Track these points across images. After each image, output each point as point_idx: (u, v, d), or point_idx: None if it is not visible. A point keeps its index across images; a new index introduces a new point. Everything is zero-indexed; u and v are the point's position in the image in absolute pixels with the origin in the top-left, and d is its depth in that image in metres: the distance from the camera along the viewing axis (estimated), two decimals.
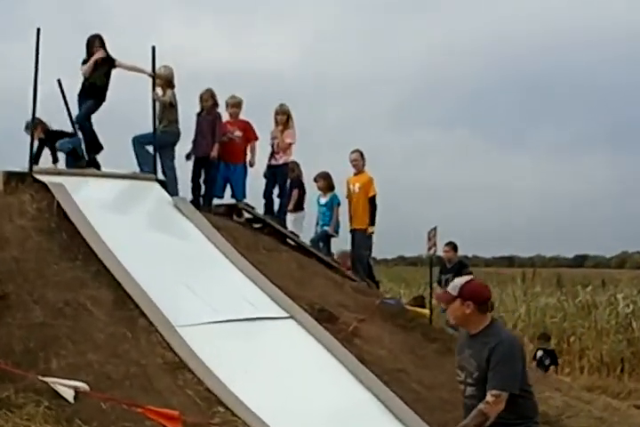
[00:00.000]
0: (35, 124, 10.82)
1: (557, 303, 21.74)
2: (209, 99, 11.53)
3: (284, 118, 11.98)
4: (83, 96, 10.94)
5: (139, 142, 11.16)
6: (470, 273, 13.35)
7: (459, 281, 5.61)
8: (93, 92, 10.91)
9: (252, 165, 11.91)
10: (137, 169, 11.04)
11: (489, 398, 5.29)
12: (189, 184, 11.48)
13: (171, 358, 7.78)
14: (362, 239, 12.32)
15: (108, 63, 10.94)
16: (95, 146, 11.08)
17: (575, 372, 18.26)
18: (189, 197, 11.24)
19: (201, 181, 11.47)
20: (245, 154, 11.88)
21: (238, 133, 11.70)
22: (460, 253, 14.23)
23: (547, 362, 14.15)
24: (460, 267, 13.43)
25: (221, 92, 11.85)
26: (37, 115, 10.58)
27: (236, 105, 11.87)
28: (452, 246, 13.37)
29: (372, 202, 12.32)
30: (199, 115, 11.68)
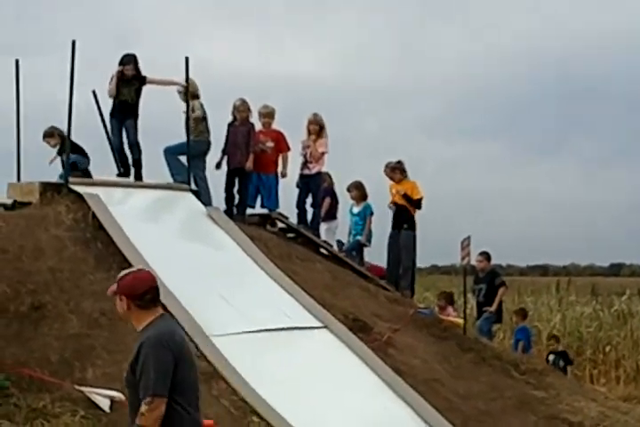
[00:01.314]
0: (51, 132, 10.93)
1: (593, 313, 21.51)
2: (245, 110, 11.52)
3: (316, 128, 11.97)
4: (116, 115, 10.99)
5: (171, 153, 11.21)
6: (503, 282, 13.32)
7: (120, 274, 5.17)
8: (127, 109, 10.94)
9: (284, 176, 11.89)
10: (170, 180, 11.10)
11: (142, 407, 4.78)
12: (223, 194, 11.50)
13: (205, 367, 7.77)
14: (404, 242, 12.31)
15: (139, 80, 10.99)
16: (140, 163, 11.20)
17: (611, 382, 18.06)
18: (223, 207, 11.25)
19: (235, 191, 11.47)
20: (277, 164, 11.83)
21: (270, 144, 11.69)
22: (494, 262, 14.14)
23: (561, 364, 13.90)
24: (493, 276, 13.35)
25: (256, 102, 11.88)
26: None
27: (268, 115, 11.87)
28: (486, 256, 13.28)
29: (417, 203, 12.32)
30: (231, 124, 11.65)
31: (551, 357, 14.12)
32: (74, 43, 9.91)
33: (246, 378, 7.75)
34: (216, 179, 11.66)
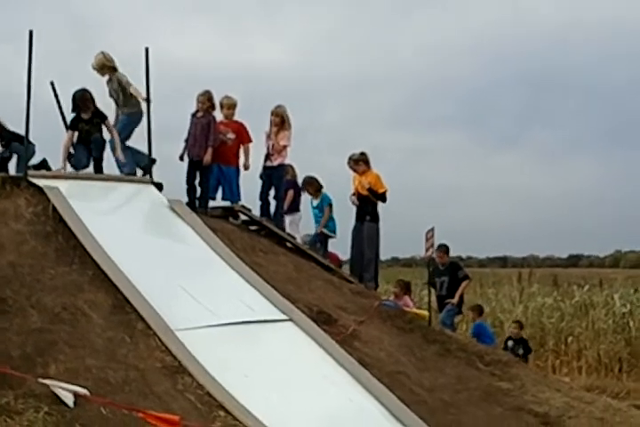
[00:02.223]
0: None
1: (554, 303, 21.69)
2: (205, 101, 11.40)
3: (277, 120, 11.90)
4: (83, 144, 10.91)
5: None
6: (466, 275, 13.36)
7: None
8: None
9: (246, 168, 11.79)
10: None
11: None
12: (184, 186, 11.39)
13: (170, 362, 7.72)
14: (367, 235, 12.29)
15: (100, 118, 10.91)
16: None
17: (573, 372, 18.21)
18: (185, 199, 11.14)
19: (196, 183, 11.37)
20: (238, 156, 11.76)
21: (231, 136, 11.60)
22: (454, 253, 14.17)
23: (520, 352, 13.87)
24: (454, 268, 13.36)
25: (219, 93, 11.77)
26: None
27: (230, 106, 11.76)
28: (444, 249, 13.26)
29: (381, 197, 12.29)
30: (193, 115, 11.53)
31: (510, 343, 14.09)
32: (31, 33, 9.77)
33: (211, 372, 7.66)
34: (182, 170, 11.57)
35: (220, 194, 11.78)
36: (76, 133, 10.85)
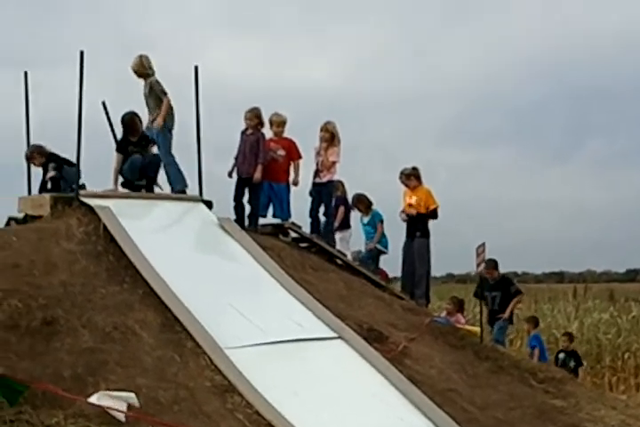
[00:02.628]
0: (31, 152, 10.96)
1: (610, 319, 21.39)
2: (253, 118, 11.41)
3: (327, 136, 11.88)
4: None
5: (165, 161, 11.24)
6: (518, 290, 13.18)
7: None
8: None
9: (295, 184, 11.79)
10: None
11: None
12: (232, 203, 11.41)
13: (219, 380, 7.71)
14: (418, 251, 12.19)
15: (147, 142, 11.00)
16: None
17: (631, 389, 17.91)
18: (232, 216, 11.15)
19: (244, 200, 11.38)
20: (289, 173, 11.76)
21: (281, 153, 11.61)
22: (509, 269, 14.03)
23: (571, 364, 13.66)
24: (506, 283, 13.17)
25: (268, 110, 11.78)
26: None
27: (279, 123, 11.77)
28: (493, 265, 13.03)
29: (432, 213, 12.21)
30: (243, 133, 11.56)
31: (561, 355, 13.92)
32: (82, 53, 9.87)
33: (261, 391, 7.63)
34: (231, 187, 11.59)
35: (270, 211, 11.78)
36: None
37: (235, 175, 11.52)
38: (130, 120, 10.90)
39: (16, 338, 7.72)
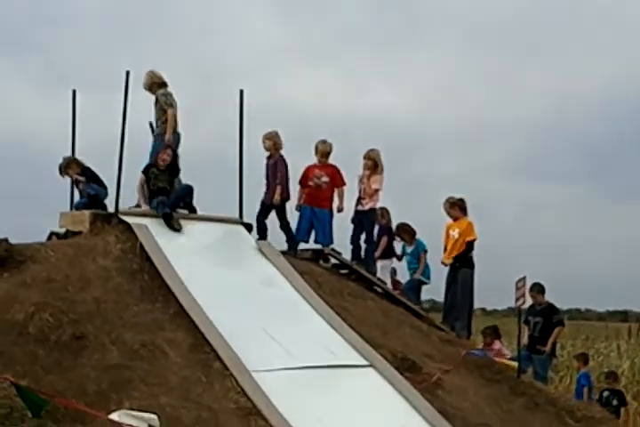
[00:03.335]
0: (67, 164, 10.95)
1: None
2: (266, 141, 11.34)
3: (370, 164, 11.80)
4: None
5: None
6: (561, 320, 12.85)
7: None
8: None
9: (340, 211, 11.69)
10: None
11: None
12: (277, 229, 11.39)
13: (244, 403, 7.61)
14: (462, 282, 12.00)
15: (173, 171, 10.85)
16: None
17: None
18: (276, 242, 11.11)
19: (278, 226, 11.34)
20: (332, 199, 11.66)
21: (325, 179, 11.53)
22: (572, 305, 13.75)
23: (614, 402, 13.27)
24: (551, 311, 12.84)
25: (341, 142, 11.72)
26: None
27: (323, 154, 11.68)
28: (538, 289, 12.78)
29: (468, 244, 12.03)
30: (267, 159, 11.52)
31: (605, 393, 13.56)
32: (127, 73, 9.94)
33: (286, 416, 7.51)
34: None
35: (312, 237, 11.69)
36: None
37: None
38: (161, 149, 10.78)
39: (44, 352, 7.75)
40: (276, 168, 11.29)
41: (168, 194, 10.43)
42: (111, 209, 10.27)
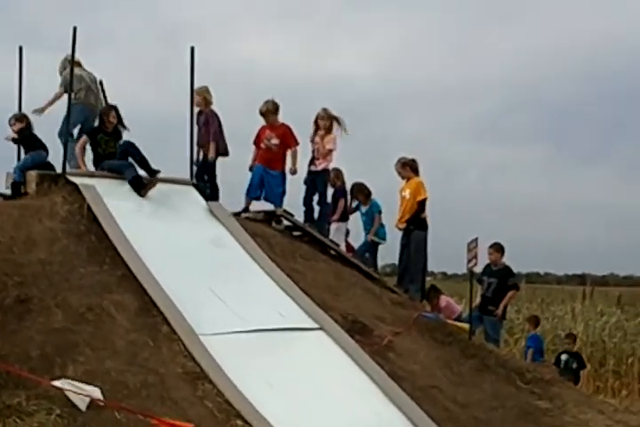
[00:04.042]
0: (19, 117, 10.68)
1: (617, 323, 21.00)
2: (195, 96, 11.11)
3: (327, 123, 11.61)
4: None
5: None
6: (515, 284, 12.77)
7: None
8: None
9: (293, 173, 11.50)
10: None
11: None
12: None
13: (191, 367, 7.52)
14: (415, 245, 11.93)
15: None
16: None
17: (634, 394, 17.54)
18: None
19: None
20: (284, 161, 11.49)
21: (275, 141, 11.34)
22: (532, 269, 13.72)
23: (574, 366, 13.33)
24: (507, 273, 12.70)
25: (298, 102, 11.52)
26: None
27: (264, 114, 11.45)
28: (497, 248, 12.61)
29: (419, 204, 11.94)
30: (198, 115, 11.37)
31: (564, 356, 13.57)
32: (74, 29, 9.70)
33: (234, 380, 7.44)
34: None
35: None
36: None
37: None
38: (106, 111, 10.69)
39: None
40: (208, 124, 11.17)
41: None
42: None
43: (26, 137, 10.54)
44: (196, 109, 11.26)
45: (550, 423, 8.46)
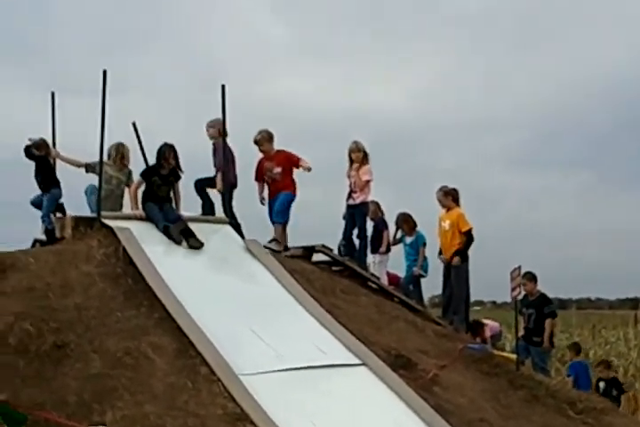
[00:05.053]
0: (39, 144, 10.59)
1: None
2: (209, 129, 11.17)
3: (359, 156, 11.54)
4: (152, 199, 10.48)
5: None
6: (552, 312, 12.53)
7: None
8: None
9: (309, 170, 11.22)
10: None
11: None
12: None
13: (232, 408, 7.35)
14: (456, 276, 11.76)
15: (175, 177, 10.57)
16: None
17: None
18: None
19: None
20: (293, 184, 11.34)
21: (277, 170, 11.25)
22: (583, 295, 13.44)
23: (614, 393, 12.96)
24: (543, 302, 12.49)
25: (341, 137, 11.49)
26: None
27: (262, 141, 11.36)
28: (529, 277, 12.41)
29: (467, 235, 11.77)
30: None
31: (601, 384, 13.25)
32: (104, 72, 9.70)
33: (276, 419, 7.26)
34: None
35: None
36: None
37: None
38: (163, 151, 10.34)
39: (24, 362, 7.54)
40: (214, 155, 11.16)
41: (164, 200, 10.25)
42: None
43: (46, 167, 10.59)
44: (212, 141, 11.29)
45: None
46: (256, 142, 11.37)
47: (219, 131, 11.09)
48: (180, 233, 9.79)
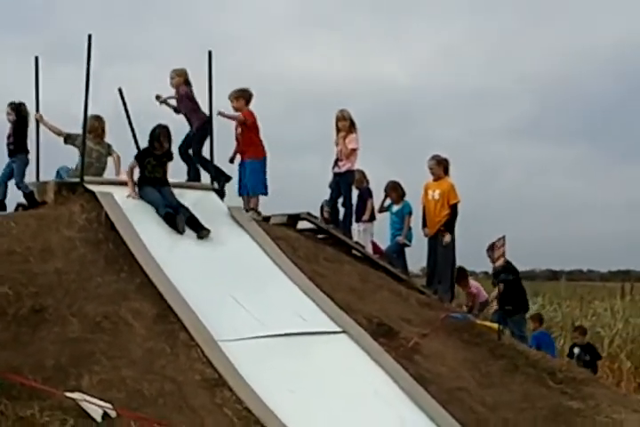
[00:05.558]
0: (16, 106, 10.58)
1: None
2: (175, 77, 11.09)
3: (346, 124, 11.44)
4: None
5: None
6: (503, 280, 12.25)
7: None
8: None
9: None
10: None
11: None
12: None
13: (209, 374, 7.35)
14: (441, 245, 11.72)
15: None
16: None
17: None
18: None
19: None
20: (252, 144, 10.96)
21: (239, 130, 11.01)
22: (575, 266, 13.40)
23: (587, 358, 13.03)
24: (502, 270, 11.75)
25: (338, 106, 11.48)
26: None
27: (231, 98, 11.02)
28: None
29: (452, 209, 11.71)
30: None
31: (576, 349, 13.30)
32: (90, 36, 9.59)
33: (253, 386, 7.25)
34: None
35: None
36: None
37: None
38: (157, 134, 9.99)
39: (1, 326, 7.48)
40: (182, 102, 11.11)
41: (162, 183, 10.01)
42: None
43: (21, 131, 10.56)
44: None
45: (583, 424, 8.18)
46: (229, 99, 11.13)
47: (184, 80, 11.05)
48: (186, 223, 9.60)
